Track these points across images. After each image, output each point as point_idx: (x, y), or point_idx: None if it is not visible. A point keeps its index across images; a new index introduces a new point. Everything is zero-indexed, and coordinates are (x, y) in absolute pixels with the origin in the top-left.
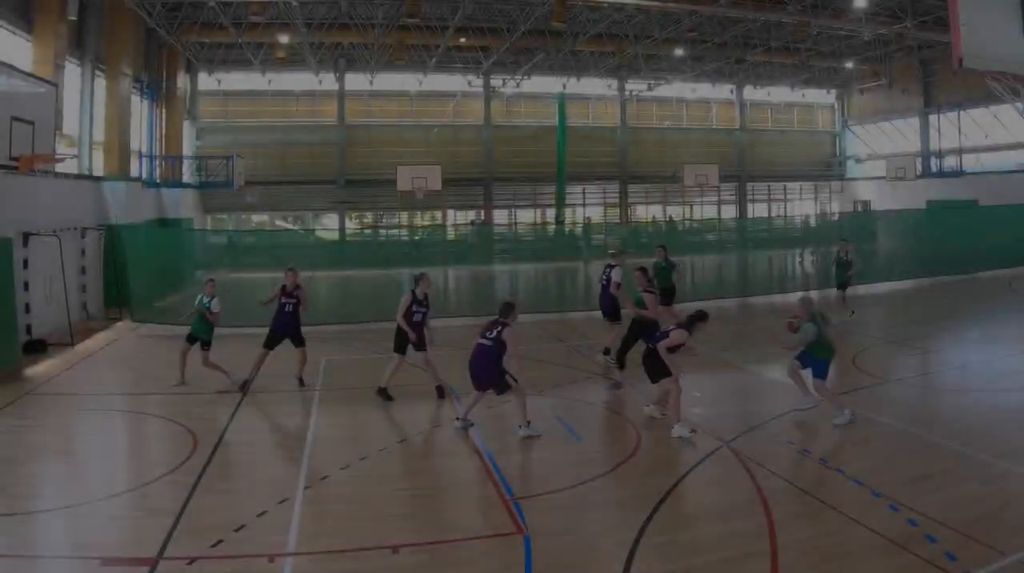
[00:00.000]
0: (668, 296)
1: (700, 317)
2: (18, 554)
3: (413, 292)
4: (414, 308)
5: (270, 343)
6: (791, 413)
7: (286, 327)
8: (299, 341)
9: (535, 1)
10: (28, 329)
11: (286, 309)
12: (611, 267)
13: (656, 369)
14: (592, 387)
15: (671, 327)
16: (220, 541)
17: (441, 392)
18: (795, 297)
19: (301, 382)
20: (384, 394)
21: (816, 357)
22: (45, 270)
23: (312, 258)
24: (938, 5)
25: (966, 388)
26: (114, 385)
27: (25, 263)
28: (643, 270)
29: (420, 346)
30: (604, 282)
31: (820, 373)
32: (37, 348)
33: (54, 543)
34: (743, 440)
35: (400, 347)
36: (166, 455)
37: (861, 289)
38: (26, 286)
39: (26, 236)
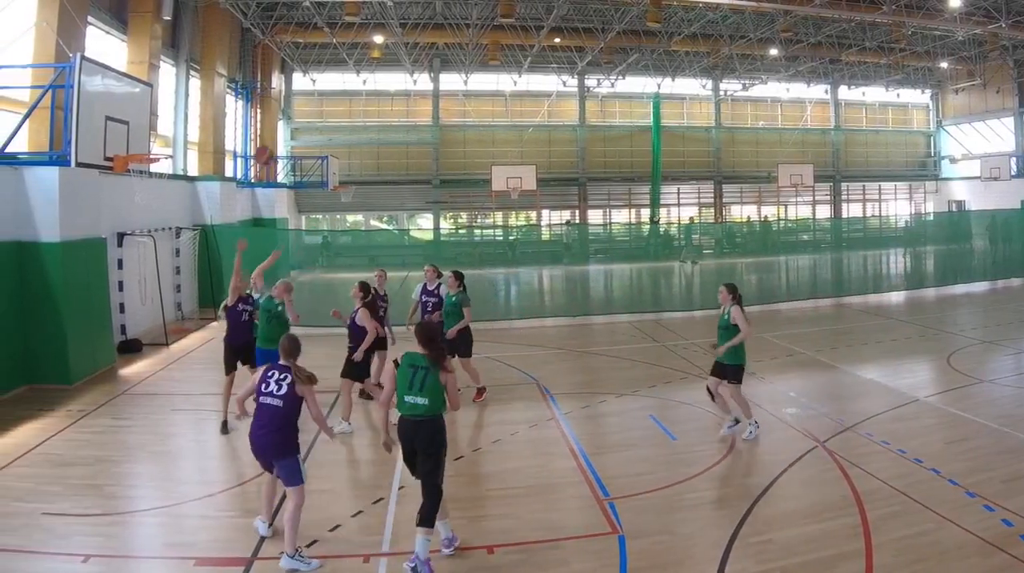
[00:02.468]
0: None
1: (367, 287)
2: (113, 554)
3: (375, 289)
4: (380, 303)
5: (229, 364)
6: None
7: (244, 340)
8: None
9: (630, 1)
10: (123, 329)
11: (243, 317)
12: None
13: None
14: (687, 387)
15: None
16: (315, 541)
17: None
18: (891, 297)
19: None
20: (366, 395)
21: None
22: (140, 270)
23: (407, 258)
24: None
25: None
26: (208, 385)
27: (120, 263)
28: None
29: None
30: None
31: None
32: (132, 348)
33: (149, 543)
34: (838, 440)
35: (379, 345)
36: None
37: (958, 288)
38: (120, 286)
39: (121, 236)
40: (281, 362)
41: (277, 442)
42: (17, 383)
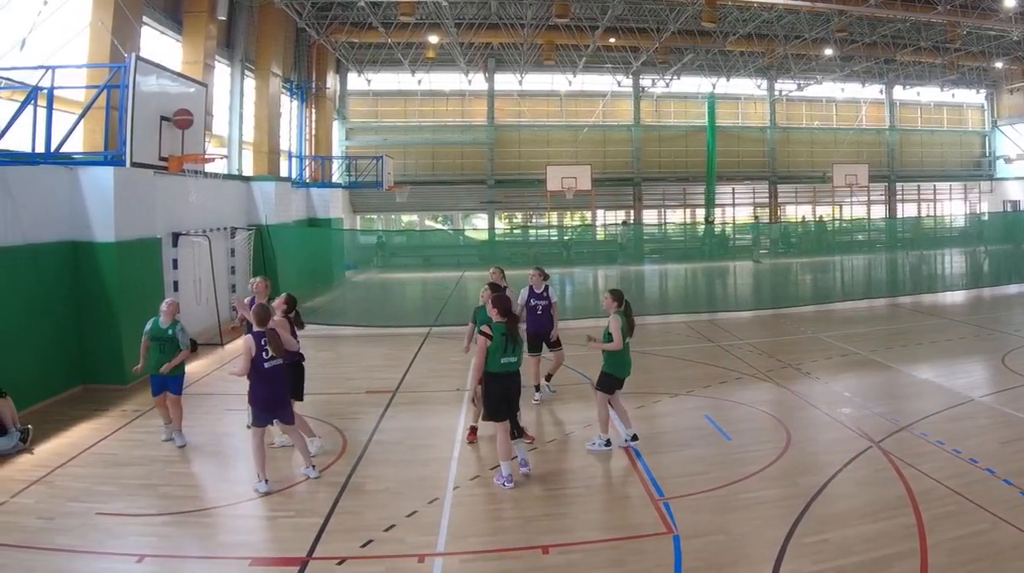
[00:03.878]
0: None
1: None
2: (168, 554)
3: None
4: (538, 302)
5: None
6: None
7: None
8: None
9: (685, 1)
10: None
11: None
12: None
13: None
14: (742, 387)
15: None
16: (370, 541)
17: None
18: (945, 297)
19: None
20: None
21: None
22: (194, 270)
23: (461, 258)
24: None
25: None
26: None
27: (175, 263)
28: None
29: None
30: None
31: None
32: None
33: (203, 543)
34: (893, 440)
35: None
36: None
37: (1012, 288)
38: (175, 286)
39: (175, 236)
40: (257, 330)
41: (286, 390)
42: (72, 383)
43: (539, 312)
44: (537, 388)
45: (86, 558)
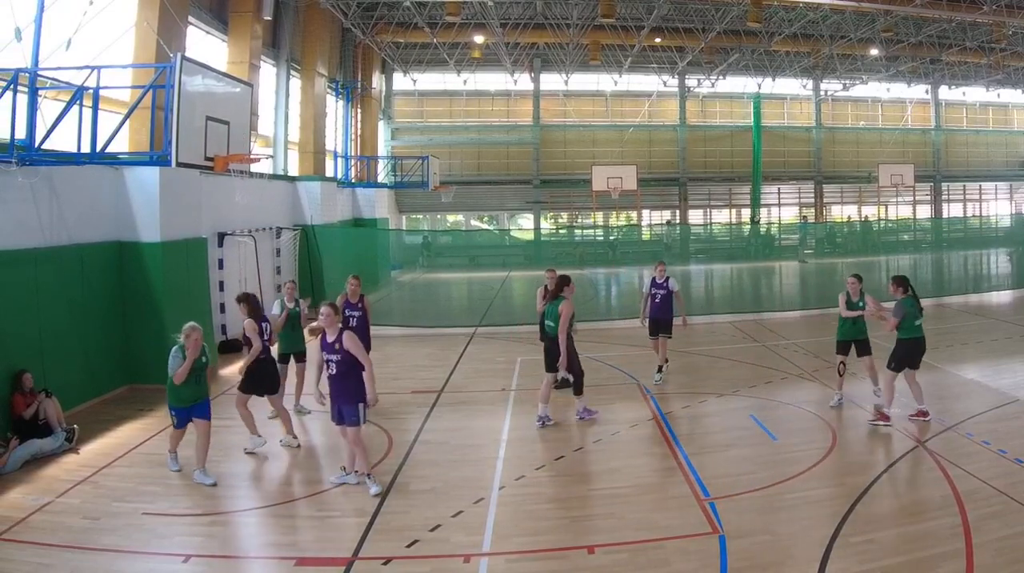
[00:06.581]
0: None
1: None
2: (214, 554)
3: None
4: (655, 290)
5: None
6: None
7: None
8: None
9: (730, 1)
10: (223, 329)
11: (350, 322)
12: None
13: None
14: (787, 387)
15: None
16: (415, 541)
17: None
18: (992, 297)
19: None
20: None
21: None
22: (240, 270)
23: (507, 258)
24: None
25: None
26: (307, 385)
27: (220, 263)
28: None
29: None
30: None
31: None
32: (232, 348)
33: (249, 543)
34: (939, 440)
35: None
36: None
37: None
38: (221, 286)
39: (221, 236)
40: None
41: (341, 389)
42: (118, 383)
43: (658, 300)
44: (659, 369)
45: (131, 558)
